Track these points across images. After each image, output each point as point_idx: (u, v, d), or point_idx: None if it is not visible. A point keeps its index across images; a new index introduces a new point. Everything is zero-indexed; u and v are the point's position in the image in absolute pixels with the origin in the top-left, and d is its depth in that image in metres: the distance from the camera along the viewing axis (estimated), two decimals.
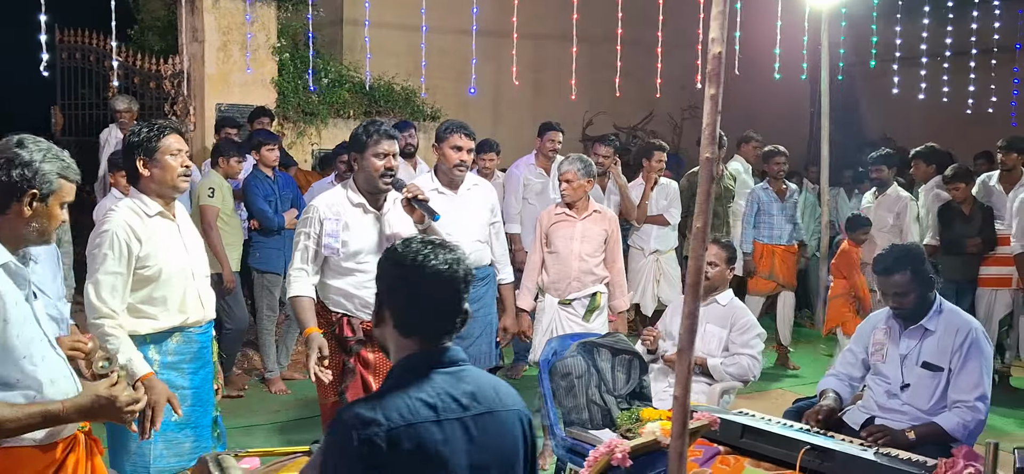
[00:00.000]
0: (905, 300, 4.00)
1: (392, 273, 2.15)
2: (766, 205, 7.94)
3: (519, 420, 2.20)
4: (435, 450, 2.02)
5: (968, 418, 3.80)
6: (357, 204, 4.04)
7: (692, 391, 4.78)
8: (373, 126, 4.01)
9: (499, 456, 2.13)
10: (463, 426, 2.07)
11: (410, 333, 2.13)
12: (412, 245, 2.15)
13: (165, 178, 3.56)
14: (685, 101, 14.44)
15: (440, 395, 2.07)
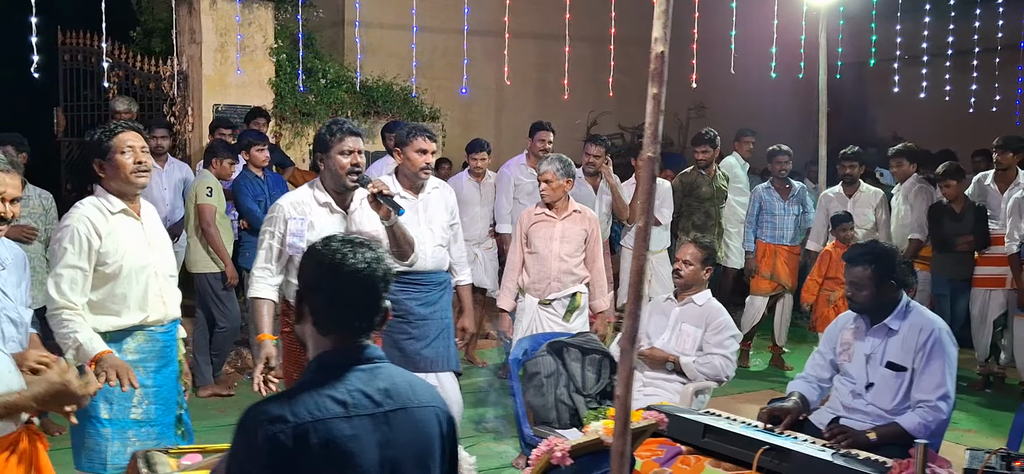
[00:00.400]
0: (859, 294, 3.99)
1: (312, 271, 2.17)
2: (768, 204, 7.90)
3: (436, 417, 2.21)
4: (344, 446, 2.03)
5: (929, 418, 3.77)
6: (324, 203, 4.06)
7: (665, 390, 4.80)
8: (336, 124, 4.03)
9: (413, 453, 2.14)
10: (375, 422, 2.08)
11: (328, 331, 2.15)
12: (332, 243, 2.17)
13: (119, 175, 3.60)
14: (691, 100, 14.39)
15: (351, 392, 2.08)
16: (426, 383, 2.28)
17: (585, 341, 4.54)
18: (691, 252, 5.04)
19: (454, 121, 11.76)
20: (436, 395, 2.27)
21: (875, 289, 3.97)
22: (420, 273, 4.73)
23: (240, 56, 8.69)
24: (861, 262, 3.99)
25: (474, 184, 7.65)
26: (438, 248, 4.81)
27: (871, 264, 3.97)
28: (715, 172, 8.07)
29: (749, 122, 13.19)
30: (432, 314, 4.77)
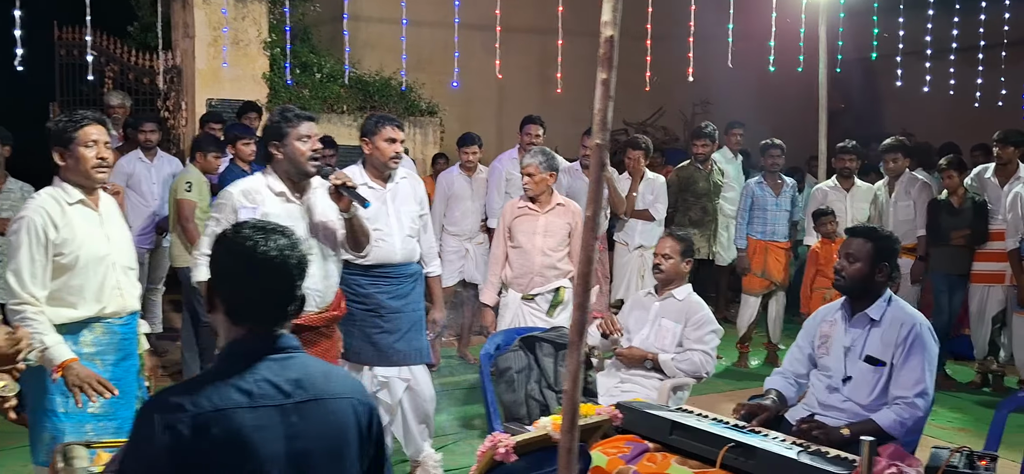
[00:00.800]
0: (852, 266, 3.89)
1: (224, 259, 2.11)
2: (760, 200, 7.78)
3: (353, 409, 2.15)
4: (247, 437, 1.97)
5: (905, 415, 3.67)
6: (279, 192, 3.95)
7: (644, 387, 4.71)
8: (289, 111, 3.94)
9: (325, 445, 2.08)
10: (283, 413, 2.03)
11: (240, 320, 2.09)
12: (244, 230, 2.11)
13: (79, 169, 3.55)
14: (697, 95, 14.27)
15: (258, 382, 2.02)
16: (345, 374, 2.21)
17: (558, 336, 4.46)
18: (670, 245, 4.95)
19: (454, 116, 11.70)
20: (356, 387, 2.20)
21: (868, 267, 3.88)
22: (390, 266, 4.66)
23: (234, 50, 8.67)
24: (862, 235, 3.95)
25: (465, 178, 7.58)
26: (408, 239, 4.74)
27: (872, 241, 3.91)
28: (712, 167, 7.96)
29: (755, 117, 13.08)
30: (404, 307, 4.70)
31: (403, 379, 4.76)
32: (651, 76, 11.30)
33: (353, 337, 4.68)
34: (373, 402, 2.23)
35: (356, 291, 4.69)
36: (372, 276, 4.67)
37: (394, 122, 4.68)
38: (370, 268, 4.67)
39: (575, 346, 2.74)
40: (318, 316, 4.04)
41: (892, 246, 3.95)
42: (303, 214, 4.01)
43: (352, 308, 4.69)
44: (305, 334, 4.00)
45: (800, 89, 12.45)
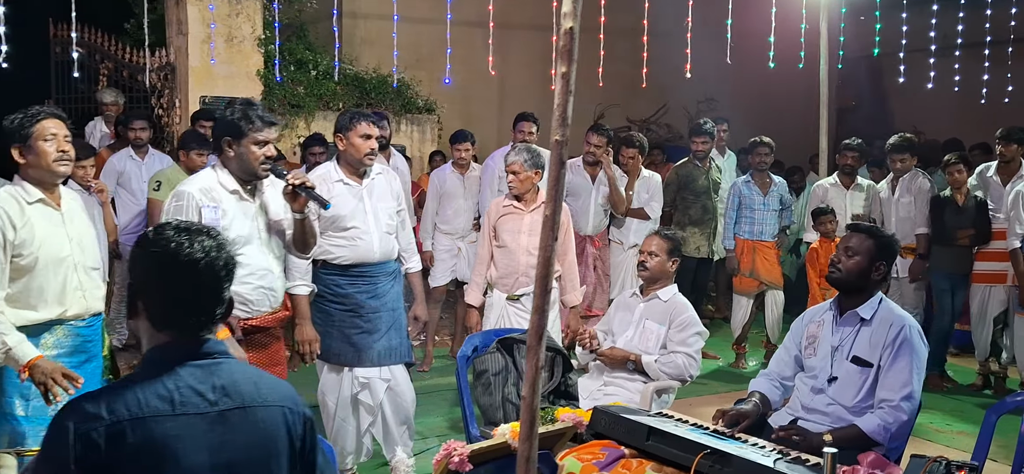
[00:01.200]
0: (850, 261, 3.79)
1: (145, 263, 2.02)
2: (748, 199, 7.66)
3: (284, 417, 2.06)
4: (166, 445, 1.88)
5: (890, 420, 3.55)
6: (232, 191, 3.85)
7: (627, 390, 4.61)
8: (252, 110, 3.82)
9: (251, 455, 1.99)
10: (207, 422, 1.94)
11: (164, 326, 2.00)
12: (166, 232, 2.01)
13: (40, 163, 3.49)
14: (701, 93, 14.13)
15: (181, 388, 1.94)
16: (276, 381, 2.11)
17: None
18: (656, 243, 4.83)
19: (455, 114, 11.60)
20: (288, 395, 2.10)
21: (867, 263, 3.78)
22: (368, 265, 4.58)
23: (227, 47, 8.60)
24: (864, 231, 3.86)
25: (458, 176, 7.49)
26: (386, 236, 4.65)
27: (873, 238, 3.82)
28: (710, 164, 7.84)
29: (759, 114, 12.95)
30: (383, 306, 4.61)
31: (383, 379, 4.68)
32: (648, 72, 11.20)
33: (332, 338, 4.60)
34: (307, 411, 2.13)
35: (334, 291, 4.61)
36: (350, 276, 4.59)
37: (369, 118, 4.59)
38: (348, 268, 4.59)
39: (533, 351, 2.64)
40: (271, 317, 3.96)
41: (893, 247, 3.86)
42: (257, 213, 3.91)
43: (330, 308, 4.61)
44: (257, 336, 3.93)
45: (807, 86, 12.32)
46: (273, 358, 4.00)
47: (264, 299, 3.88)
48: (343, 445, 4.74)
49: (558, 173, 2.73)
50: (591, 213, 7.25)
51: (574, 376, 4.35)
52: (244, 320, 3.83)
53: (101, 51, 9.40)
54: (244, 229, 3.82)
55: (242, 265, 3.74)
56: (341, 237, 4.58)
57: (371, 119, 4.59)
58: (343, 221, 4.57)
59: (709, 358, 7.94)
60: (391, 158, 7.61)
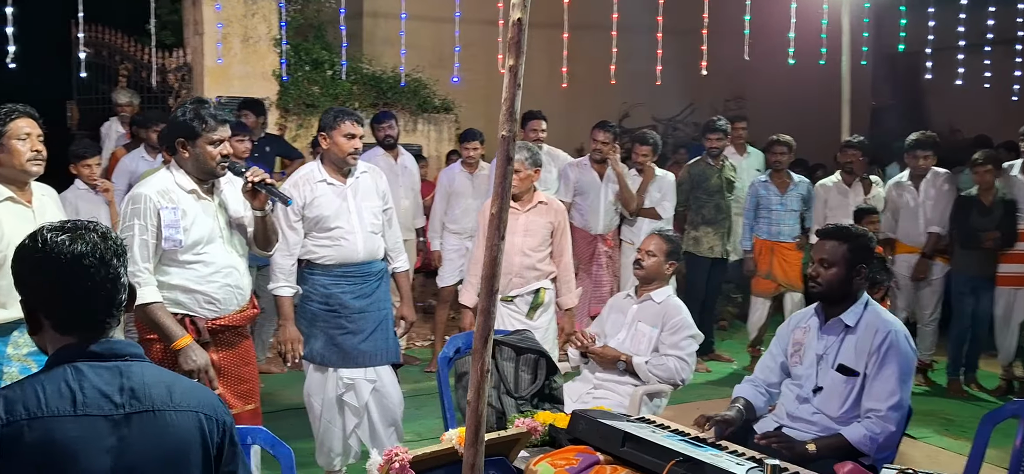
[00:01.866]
0: (827, 272, 3.61)
1: (31, 271, 1.94)
2: (765, 199, 7.48)
3: (198, 423, 1.99)
4: (66, 448, 1.83)
5: (876, 430, 3.40)
6: (190, 190, 3.76)
7: (617, 393, 4.49)
8: (204, 110, 3.72)
9: (157, 462, 1.92)
10: (111, 425, 1.88)
11: (67, 330, 1.94)
12: (41, 235, 1.93)
13: (13, 163, 3.48)
14: (730, 91, 13.93)
15: (85, 389, 1.88)
16: (194, 387, 2.05)
17: (520, 340, 4.25)
18: (656, 243, 4.71)
19: (477, 114, 11.52)
20: (206, 401, 2.03)
21: (845, 270, 3.60)
22: (353, 265, 4.52)
23: (243, 47, 8.62)
24: (836, 237, 3.65)
25: (466, 175, 7.41)
26: (371, 236, 4.58)
27: (846, 241, 3.62)
28: (724, 162, 7.67)
29: (792, 112, 12.69)
30: (369, 306, 4.55)
31: (369, 381, 4.62)
32: (673, 70, 11.02)
33: (316, 339, 4.55)
34: (228, 418, 2.06)
35: (319, 291, 4.56)
36: (334, 276, 4.53)
37: (353, 117, 4.53)
38: (332, 267, 4.54)
39: (478, 354, 2.56)
40: (239, 315, 3.90)
41: (868, 245, 3.67)
42: (218, 211, 3.84)
43: (315, 309, 4.56)
44: (225, 335, 3.87)
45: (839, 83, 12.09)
46: (243, 357, 3.94)
47: (231, 297, 3.82)
48: (330, 446, 4.69)
49: (505, 170, 2.65)
50: (602, 211, 7.14)
51: (559, 379, 4.24)
52: (212, 320, 3.77)
53: (120, 52, 9.47)
54: (206, 228, 3.76)
55: (206, 264, 3.76)
56: (325, 237, 4.53)
57: (356, 119, 4.53)
58: (327, 221, 4.52)
59: (723, 361, 7.78)
60: (399, 157, 7.56)
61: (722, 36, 9.19)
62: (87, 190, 6.12)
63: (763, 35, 9.27)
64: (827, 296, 3.67)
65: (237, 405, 3.86)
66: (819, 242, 3.70)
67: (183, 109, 3.76)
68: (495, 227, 2.56)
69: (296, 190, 4.52)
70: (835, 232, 3.67)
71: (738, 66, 9.55)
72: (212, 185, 3.83)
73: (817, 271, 3.65)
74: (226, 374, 3.84)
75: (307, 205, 4.51)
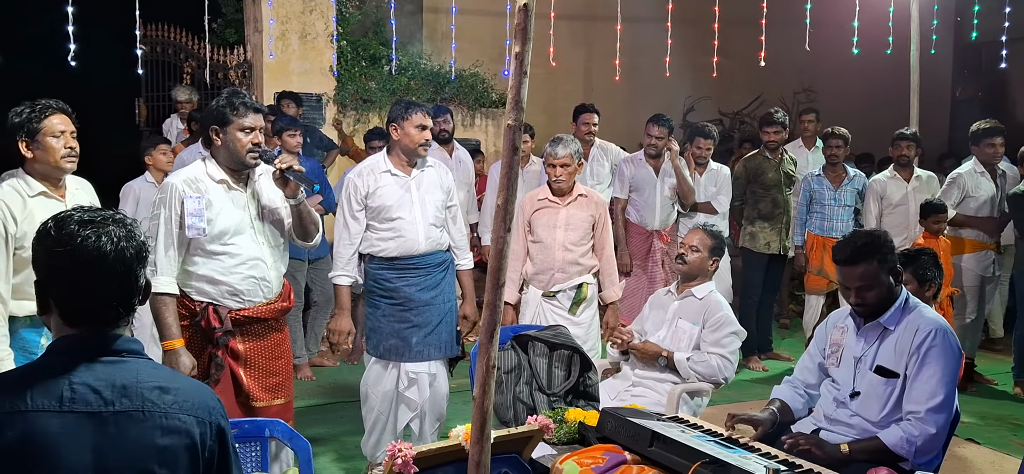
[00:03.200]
0: (869, 294, 3.43)
1: (50, 257, 1.93)
2: (818, 194, 7.27)
3: (189, 426, 1.93)
4: (47, 443, 1.81)
5: (914, 432, 3.23)
6: (220, 180, 3.76)
7: (656, 391, 4.38)
8: (237, 98, 3.73)
9: (142, 460, 1.87)
10: (96, 422, 1.84)
11: (76, 321, 1.92)
12: (70, 224, 1.92)
13: (48, 159, 3.52)
14: (799, 84, 13.58)
15: (76, 385, 1.85)
16: (191, 389, 1.98)
17: (553, 336, 4.18)
18: (699, 238, 4.59)
19: (537, 108, 11.46)
20: (201, 403, 1.97)
21: (885, 284, 3.43)
22: (415, 257, 4.50)
23: (301, 44, 8.70)
24: (863, 259, 3.41)
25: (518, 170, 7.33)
26: (432, 228, 4.56)
27: (874, 256, 3.41)
28: (782, 156, 7.46)
29: (864, 104, 12.31)
30: (434, 299, 4.54)
31: (430, 374, 4.62)
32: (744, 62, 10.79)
33: (381, 333, 4.54)
34: (221, 421, 2.01)
35: (383, 286, 4.55)
36: (397, 269, 4.51)
37: (424, 108, 4.52)
38: (395, 260, 4.52)
39: (484, 349, 2.51)
40: (267, 307, 3.89)
41: (890, 244, 3.47)
42: (248, 202, 3.84)
43: (380, 303, 4.56)
44: (253, 327, 3.87)
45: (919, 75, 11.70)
46: (274, 351, 3.94)
47: (256, 289, 3.82)
48: (380, 438, 4.68)
49: (511, 159, 2.59)
50: (657, 207, 6.99)
51: (594, 376, 4.15)
52: (236, 311, 3.78)
53: (185, 49, 9.68)
54: (233, 219, 3.76)
55: (232, 255, 3.77)
56: (386, 229, 4.52)
57: (426, 110, 4.52)
58: (388, 212, 4.51)
59: (782, 359, 7.57)
60: (454, 151, 7.55)
61: (788, 27, 8.96)
62: (153, 183, 6.23)
63: (833, 25, 9.00)
64: (878, 313, 3.49)
65: (264, 398, 3.88)
66: (847, 269, 3.46)
67: (218, 98, 3.79)
68: (501, 219, 2.50)
69: (360, 179, 4.55)
70: (858, 252, 3.43)
71: (807, 58, 9.28)
72: (247, 177, 3.83)
73: (861, 297, 3.45)
74: (253, 366, 3.85)
75: (370, 195, 4.52)
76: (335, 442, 5.46)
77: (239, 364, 3.80)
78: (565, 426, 3.67)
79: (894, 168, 7.17)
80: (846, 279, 3.50)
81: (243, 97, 3.74)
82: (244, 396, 3.86)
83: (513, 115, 2.51)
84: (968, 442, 5.59)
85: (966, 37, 12.69)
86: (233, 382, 3.81)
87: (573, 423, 3.70)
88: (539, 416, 3.32)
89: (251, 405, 3.87)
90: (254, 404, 3.87)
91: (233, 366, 3.80)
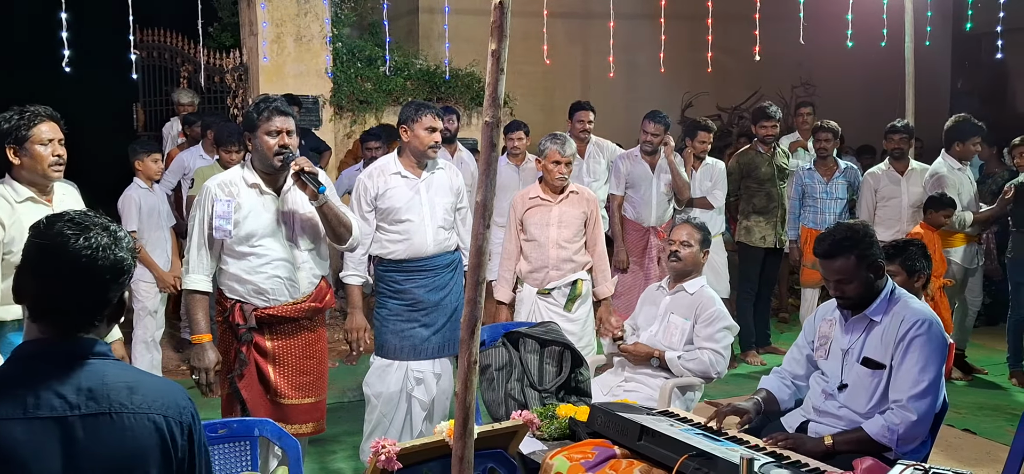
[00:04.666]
0: (848, 287, 3.43)
1: (31, 250, 1.94)
2: (809, 187, 7.28)
3: (158, 427, 1.93)
4: (13, 451, 1.79)
5: (896, 421, 3.23)
6: (252, 184, 3.88)
7: (649, 387, 4.39)
8: (264, 103, 3.84)
9: (112, 463, 1.87)
10: (63, 426, 1.83)
11: (38, 317, 1.93)
12: (60, 221, 1.93)
13: (36, 167, 3.54)
14: (797, 78, 13.56)
15: (40, 391, 1.84)
16: (160, 387, 1.98)
17: (544, 332, 4.19)
18: (688, 232, 4.60)
19: (536, 106, 11.48)
20: (171, 403, 1.98)
21: (864, 277, 3.42)
22: (423, 258, 4.53)
23: (297, 46, 8.71)
24: (841, 253, 3.41)
25: (512, 168, 7.36)
26: (440, 230, 4.59)
27: (853, 251, 3.41)
28: (774, 150, 7.45)
29: (863, 97, 12.29)
30: (443, 299, 4.58)
31: (436, 374, 4.64)
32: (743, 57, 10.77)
33: (388, 333, 4.57)
34: (190, 420, 2.01)
35: (393, 287, 4.58)
36: (406, 271, 4.54)
37: (434, 110, 4.55)
38: (403, 262, 4.55)
39: (466, 345, 2.52)
40: (293, 307, 3.93)
41: (872, 240, 3.45)
42: (278, 205, 3.92)
43: (389, 304, 4.60)
44: (283, 325, 3.93)
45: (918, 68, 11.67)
46: (306, 350, 4.01)
47: (280, 289, 3.89)
48: (381, 437, 4.68)
49: (489, 156, 2.59)
50: (653, 203, 6.99)
51: (586, 372, 4.16)
52: (261, 309, 3.87)
53: (181, 54, 9.69)
54: (262, 222, 3.86)
55: (259, 256, 3.86)
56: (395, 231, 4.55)
57: (436, 111, 4.54)
58: (397, 213, 4.54)
59: (780, 354, 7.55)
60: (456, 152, 7.56)
61: (783, 21, 8.95)
62: (147, 188, 6.25)
63: (828, 18, 8.99)
64: (860, 306, 3.49)
65: (293, 396, 3.96)
66: (826, 262, 3.46)
67: (249, 106, 3.89)
68: (480, 216, 2.51)
69: (370, 180, 4.59)
70: (835, 246, 3.42)
71: (805, 52, 9.26)
72: (281, 180, 3.91)
73: (840, 290, 3.45)
74: (282, 364, 3.93)
75: (379, 196, 4.56)
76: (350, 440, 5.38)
77: (267, 361, 3.89)
78: (556, 422, 3.69)
79: (888, 161, 7.16)
80: (826, 272, 3.51)
81: (271, 102, 3.83)
82: (273, 393, 3.94)
83: (491, 112, 2.52)
84: (965, 433, 5.59)
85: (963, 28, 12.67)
86: (262, 379, 3.88)
87: (564, 419, 3.72)
88: (524, 412, 3.33)
89: (279, 402, 3.95)
90: (283, 401, 3.96)
91: (261, 363, 3.88)
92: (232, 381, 3.86)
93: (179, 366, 6.96)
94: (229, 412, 3.95)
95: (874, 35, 9.13)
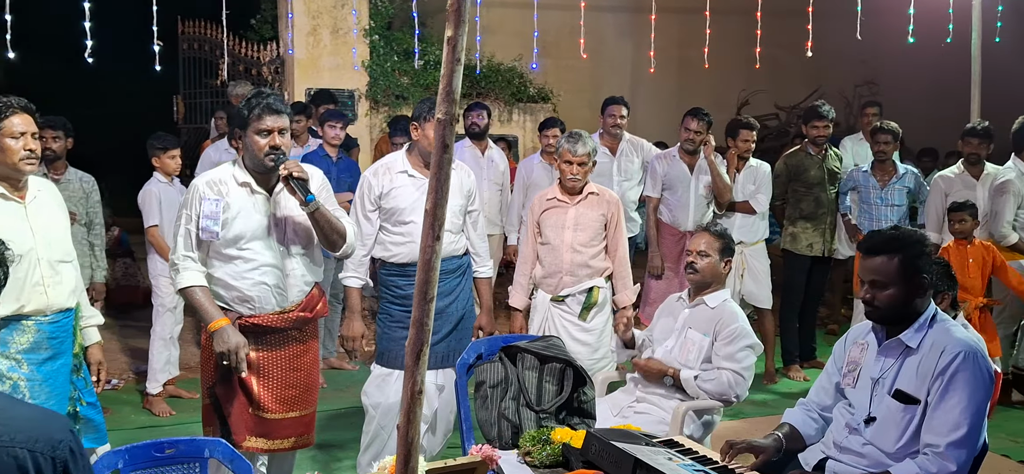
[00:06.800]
0: (881, 293, 3.02)
1: None
2: (864, 191, 6.79)
3: (24, 461, 1.72)
4: None
5: (932, 469, 2.82)
6: (243, 183, 3.62)
7: (662, 409, 4.04)
8: (257, 99, 3.57)
9: None
10: None
11: None
12: None
13: (5, 160, 3.38)
14: (860, 76, 12.98)
15: None
16: (33, 419, 1.76)
17: (545, 347, 3.86)
18: (706, 241, 4.22)
19: (583, 102, 11.15)
20: (43, 435, 1.76)
21: (902, 288, 3.00)
22: None
23: (333, 39, 8.54)
24: (884, 251, 3.02)
25: (545, 166, 7.04)
26: (446, 234, 4.29)
27: (897, 253, 3.01)
28: (826, 152, 6.99)
29: (930, 97, 11.66)
30: (448, 306, 4.30)
31: (438, 386, 4.36)
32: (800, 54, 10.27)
33: (390, 340, 4.32)
34: (67, 455, 1.80)
35: (394, 292, 4.34)
36: (408, 275, 4.27)
37: None
38: (406, 266, 4.28)
39: (410, 371, 2.22)
40: (280, 316, 3.69)
41: (922, 250, 3.05)
42: (269, 206, 3.67)
43: (391, 309, 4.36)
44: (268, 337, 3.69)
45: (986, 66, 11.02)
46: (293, 362, 3.76)
47: (267, 296, 3.65)
48: (378, 451, 4.43)
49: (441, 158, 2.30)
50: (691, 206, 6.60)
51: (589, 391, 3.83)
52: (245, 318, 3.63)
53: (221, 47, 9.60)
54: (252, 223, 3.62)
55: (246, 260, 3.60)
56: (398, 233, 4.31)
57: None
58: (401, 214, 4.30)
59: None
60: (487, 150, 7.29)
61: (841, 17, 8.46)
62: (166, 183, 6.12)
63: (889, 13, 8.48)
64: (889, 320, 3.10)
65: (277, 410, 3.71)
66: (864, 259, 3.08)
67: (241, 102, 3.66)
68: (430, 225, 2.21)
69: (375, 178, 4.35)
70: (880, 243, 3.05)
71: (868, 49, 8.76)
72: (273, 180, 3.66)
73: (873, 295, 3.05)
74: (267, 376, 3.69)
75: (384, 195, 4.32)
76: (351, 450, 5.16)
77: (251, 373, 3.64)
78: (548, 447, 3.38)
79: (963, 164, 6.62)
80: (862, 272, 3.11)
81: (265, 99, 3.57)
82: (256, 406, 3.69)
83: (444, 108, 2.20)
84: (1002, 457, 5.12)
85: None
86: (245, 391, 3.65)
87: (557, 444, 3.41)
88: (483, 446, 3.02)
89: (262, 416, 3.70)
90: (266, 415, 3.71)
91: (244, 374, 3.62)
92: (212, 392, 3.64)
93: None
94: (209, 424, 3.73)
95: (939, 31, 8.57)
